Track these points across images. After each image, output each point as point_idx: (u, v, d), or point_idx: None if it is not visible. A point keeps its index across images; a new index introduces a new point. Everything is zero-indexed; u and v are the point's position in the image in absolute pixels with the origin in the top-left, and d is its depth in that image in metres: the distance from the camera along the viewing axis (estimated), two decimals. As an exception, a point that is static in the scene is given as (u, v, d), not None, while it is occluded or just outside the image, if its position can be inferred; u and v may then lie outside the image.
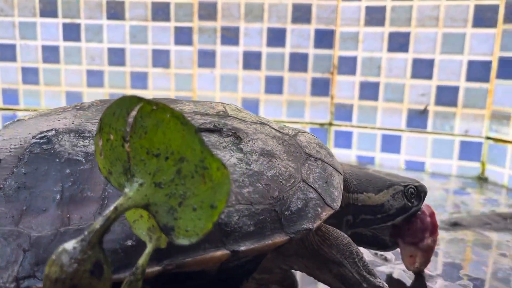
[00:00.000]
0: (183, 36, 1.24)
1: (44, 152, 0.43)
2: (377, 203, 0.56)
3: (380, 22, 1.14)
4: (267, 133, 0.51)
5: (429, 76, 1.12)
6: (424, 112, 1.14)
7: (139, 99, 0.34)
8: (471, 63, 1.08)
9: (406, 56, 1.13)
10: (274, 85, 1.24)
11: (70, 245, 0.34)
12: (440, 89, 1.11)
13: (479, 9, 1.05)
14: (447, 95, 1.11)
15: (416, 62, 1.12)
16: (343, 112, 1.22)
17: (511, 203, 0.94)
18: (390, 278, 0.60)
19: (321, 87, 1.23)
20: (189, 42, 1.24)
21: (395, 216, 0.57)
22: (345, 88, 1.20)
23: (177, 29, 1.24)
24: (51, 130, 0.45)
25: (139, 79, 1.27)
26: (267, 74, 1.23)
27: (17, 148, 0.45)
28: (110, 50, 1.26)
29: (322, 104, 1.23)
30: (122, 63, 1.27)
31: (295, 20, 1.20)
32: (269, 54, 1.22)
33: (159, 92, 1.27)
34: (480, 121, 1.09)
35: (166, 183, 0.35)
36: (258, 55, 1.23)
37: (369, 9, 1.15)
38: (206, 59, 1.25)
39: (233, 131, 0.48)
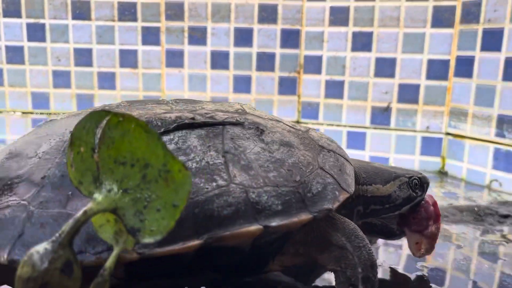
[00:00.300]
0: (150, 36, 1.25)
1: None
2: (385, 194, 0.60)
3: (344, 22, 1.17)
4: (283, 128, 0.55)
5: (392, 75, 1.16)
6: (387, 110, 1.18)
7: (107, 113, 0.37)
8: (430, 62, 1.12)
9: (369, 55, 1.17)
10: (242, 85, 1.26)
11: (41, 246, 0.36)
12: (402, 87, 1.16)
13: (437, 10, 1.10)
14: (408, 93, 1.15)
15: (379, 61, 1.16)
16: (310, 110, 1.24)
17: (468, 196, 0.99)
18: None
19: (288, 86, 1.25)
20: (156, 42, 1.25)
21: (402, 205, 0.60)
22: (312, 87, 1.23)
23: (144, 29, 1.24)
24: None
25: (107, 79, 1.26)
26: (235, 73, 1.25)
27: (57, 142, 0.49)
28: (76, 51, 1.25)
29: (290, 102, 1.25)
30: (89, 63, 1.26)
31: (261, 20, 1.22)
32: (236, 54, 1.24)
33: (127, 93, 1.27)
34: (440, 117, 1.14)
35: (132, 188, 0.38)
36: (226, 54, 1.24)
37: (333, 10, 1.18)
38: (174, 59, 1.26)
39: (254, 124, 0.52)
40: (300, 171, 0.49)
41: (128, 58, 1.26)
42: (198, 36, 1.24)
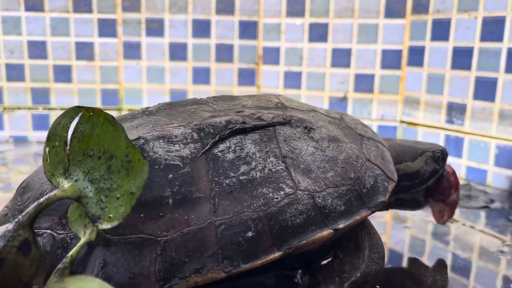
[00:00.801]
0: (107, 28, 1.23)
1: None
2: (414, 170, 0.62)
3: (300, 13, 1.19)
4: (324, 120, 0.55)
5: (347, 65, 1.18)
6: (344, 99, 1.21)
7: (80, 108, 0.40)
8: (384, 52, 1.15)
9: (325, 46, 1.19)
10: (201, 76, 1.26)
11: (5, 226, 0.39)
12: (358, 77, 1.18)
13: (390, 1, 1.13)
14: (364, 83, 1.18)
15: (335, 52, 1.19)
16: (269, 100, 1.26)
17: (421, 180, 1.02)
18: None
19: (247, 77, 1.26)
20: (113, 34, 1.23)
21: (429, 179, 0.63)
22: (270, 77, 1.25)
23: (101, 21, 1.22)
24: (139, 138, 0.46)
25: (63, 72, 1.24)
26: (194, 65, 1.25)
27: None
28: (30, 43, 1.23)
29: (249, 93, 1.26)
30: (43, 56, 1.23)
31: (219, 11, 1.22)
32: (195, 45, 1.24)
33: (84, 86, 1.25)
34: (395, 106, 1.17)
35: (97, 179, 0.40)
36: (184, 46, 1.24)
37: (289, 1, 1.19)
38: (132, 50, 1.24)
39: (301, 121, 0.52)
40: (353, 167, 0.50)
41: (84, 51, 1.24)
42: (155, 28, 1.23)
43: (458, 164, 1.05)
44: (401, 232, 0.76)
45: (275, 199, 0.45)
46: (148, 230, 0.42)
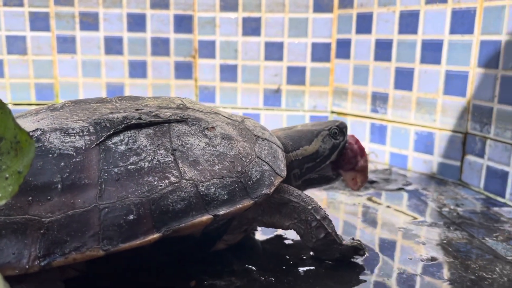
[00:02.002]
0: (39, 22, 1.22)
1: (36, 150, 0.47)
2: (313, 151, 0.68)
3: (234, 8, 1.22)
4: (222, 121, 0.60)
5: (280, 58, 1.22)
6: (277, 91, 1.24)
7: None
8: (314, 45, 1.20)
9: (259, 40, 1.22)
10: (138, 70, 1.26)
11: None
12: (290, 70, 1.22)
13: (318, -4, 1.17)
14: (296, 75, 1.23)
15: (268, 45, 1.22)
16: (207, 94, 1.28)
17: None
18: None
19: (184, 71, 1.28)
20: (46, 28, 1.22)
21: (330, 155, 0.69)
22: (207, 71, 1.27)
23: (32, 15, 1.21)
24: (37, 130, 0.49)
25: (-6, 66, 1.22)
26: (130, 58, 1.26)
27: None
28: (-41, 37, 1.20)
29: (187, 86, 1.28)
30: (-27, 50, 1.21)
31: (154, 5, 1.23)
32: (130, 39, 1.24)
33: (17, 80, 1.24)
34: (325, 97, 1.22)
35: None
36: (119, 40, 1.24)
37: (223, -5, 1.22)
38: (66, 44, 1.24)
39: (197, 120, 0.57)
40: (241, 162, 0.55)
41: (16, 45, 1.22)
42: (90, 22, 1.23)
43: (383, 151, 1.10)
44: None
45: (159, 187, 0.49)
46: (34, 212, 0.45)
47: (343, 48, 1.16)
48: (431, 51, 0.97)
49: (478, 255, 0.64)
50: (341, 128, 0.70)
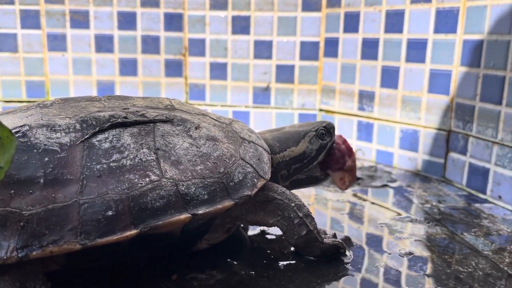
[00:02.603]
0: (30, 20, 1.22)
1: (22, 144, 0.49)
2: (300, 153, 0.68)
3: (224, 6, 1.23)
4: (209, 122, 0.61)
5: (269, 56, 1.23)
6: (267, 89, 1.26)
7: None
8: (303, 44, 1.21)
9: (248, 38, 1.23)
10: (128, 68, 1.27)
11: None
12: (279, 68, 1.24)
13: (307, -5, 1.19)
14: (285, 73, 1.24)
15: (257, 44, 1.23)
16: (197, 91, 1.29)
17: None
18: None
19: (174, 68, 1.29)
20: (37, 26, 1.23)
21: (318, 155, 0.69)
22: (197, 68, 1.28)
23: (23, 12, 1.22)
24: (24, 125, 0.51)
25: (-16, 64, 1.23)
26: (121, 56, 1.26)
27: None
28: (-51, 34, 1.20)
29: (177, 84, 1.29)
30: (-36, 47, 1.21)
31: (144, 4, 1.24)
32: (121, 37, 1.25)
33: (8, 78, 1.24)
34: (314, 95, 1.24)
35: None
36: (110, 38, 1.25)
37: (213, -6, 1.23)
38: (57, 42, 1.24)
39: (183, 121, 0.58)
40: (224, 163, 0.56)
41: (7, 42, 1.23)
42: (80, 20, 1.24)
43: (369, 148, 1.12)
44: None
45: (139, 184, 0.50)
46: (15, 205, 0.46)
47: (331, 47, 1.18)
48: (416, 50, 0.99)
49: (456, 249, 0.66)
50: (328, 129, 0.70)
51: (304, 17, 1.19)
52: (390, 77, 1.05)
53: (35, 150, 0.49)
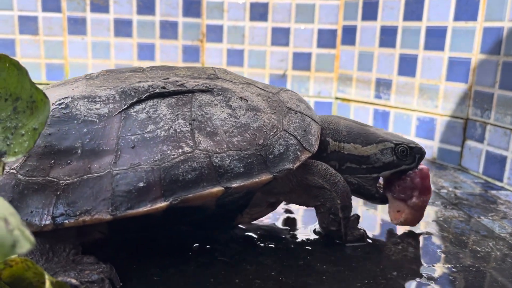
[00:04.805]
0: (50, 3, 1.24)
1: (64, 116, 0.50)
2: (363, 154, 0.62)
3: (242, -7, 1.23)
4: (252, 92, 0.58)
5: (286, 44, 1.24)
6: (283, 76, 1.26)
7: None
8: (320, 31, 1.22)
9: (266, 25, 1.24)
10: (146, 52, 1.29)
11: None
12: (296, 55, 1.24)
13: (325, -17, 1.19)
14: (302, 61, 1.24)
15: (275, 31, 1.24)
16: (213, 78, 1.30)
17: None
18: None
19: (192, 54, 1.30)
20: (57, 9, 1.24)
21: (381, 169, 0.62)
22: (214, 54, 1.29)
23: (44, -5, 1.23)
24: (68, 97, 0.52)
25: (5, 46, 1.24)
26: (139, 41, 1.28)
27: None
28: (-28, 16, 1.22)
29: (194, 70, 1.30)
30: (-14, 29, 1.23)
31: (163, -11, 1.25)
32: (140, 22, 1.27)
33: (28, 60, 1.26)
34: (330, 83, 1.24)
35: (3, 119, 0.43)
36: (129, 22, 1.26)
37: (232, -19, 1.24)
38: (77, 26, 1.26)
39: (223, 91, 0.56)
40: (264, 135, 0.54)
41: (28, 25, 1.25)
42: (100, 4, 1.25)
43: (385, 136, 1.12)
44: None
45: (172, 156, 0.49)
46: (54, 174, 0.47)
47: (349, 35, 1.18)
48: (435, 38, 0.99)
49: (473, 231, 0.66)
50: (415, 152, 0.62)
51: (323, 4, 1.20)
52: (407, 65, 1.05)
53: (75, 121, 0.50)
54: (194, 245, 0.57)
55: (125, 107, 0.52)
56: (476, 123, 0.93)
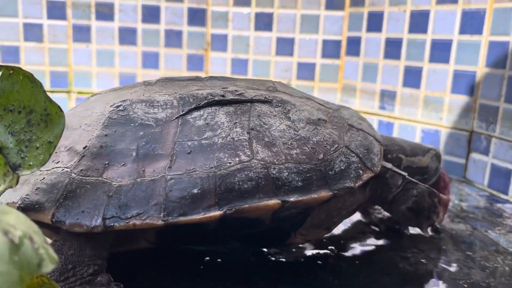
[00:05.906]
0: (56, 10, 1.24)
1: (121, 118, 0.51)
2: (425, 165, 0.64)
3: (247, 3, 1.24)
4: (312, 106, 0.57)
5: (291, 54, 1.24)
6: (287, 86, 1.27)
7: (0, 67, 0.43)
8: (325, 42, 1.22)
9: (270, 35, 1.25)
10: (150, 61, 1.29)
11: None
12: (300, 65, 1.25)
13: (330, -6, 1.20)
14: (306, 71, 1.25)
15: (279, 41, 1.24)
16: (217, 86, 1.30)
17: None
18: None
19: (196, 63, 1.30)
20: (62, 17, 1.25)
21: (433, 176, 0.65)
22: (218, 64, 1.29)
23: (50, 3, 1.23)
24: (126, 100, 0.52)
25: (10, 53, 1.24)
26: (144, 49, 1.28)
27: (98, 115, 0.52)
28: (-23, 23, 1.22)
29: (198, 79, 1.31)
30: (-10, 36, 1.23)
31: (168, -2, 1.25)
32: (144, 30, 1.27)
33: (33, 67, 1.26)
34: (334, 93, 1.24)
35: (17, 131, 0.44)
36: (133, 31, 1.27)
37: (237, -10, 1.24)
38: (81, 34, 1.26)
39: (282, 102, 0.55)
40: (324, 150, 0.52)
41: (33, 32, 1.25)
42: (105, 12, 1.25)
43: (389, 147, 1.12)
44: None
45: (228, 164, 0.48)
46: (107, 175, 0.47)
47: (353, 46, 1.18)
48: (440, 51, 0.99)
49: (481, 246, 0.66)
50: (439, 155, 0.66)
51: (327, 15, 1.20)
52: (412, 77, 1.06)
53: (132, 124, 0.50)
54: (206, 258, 0.57)
55: (183, 112, 0.51)
56: (481, 136, 0.93)
